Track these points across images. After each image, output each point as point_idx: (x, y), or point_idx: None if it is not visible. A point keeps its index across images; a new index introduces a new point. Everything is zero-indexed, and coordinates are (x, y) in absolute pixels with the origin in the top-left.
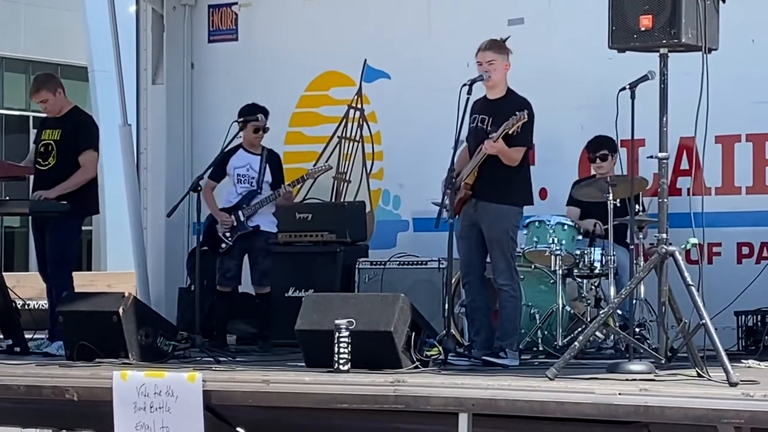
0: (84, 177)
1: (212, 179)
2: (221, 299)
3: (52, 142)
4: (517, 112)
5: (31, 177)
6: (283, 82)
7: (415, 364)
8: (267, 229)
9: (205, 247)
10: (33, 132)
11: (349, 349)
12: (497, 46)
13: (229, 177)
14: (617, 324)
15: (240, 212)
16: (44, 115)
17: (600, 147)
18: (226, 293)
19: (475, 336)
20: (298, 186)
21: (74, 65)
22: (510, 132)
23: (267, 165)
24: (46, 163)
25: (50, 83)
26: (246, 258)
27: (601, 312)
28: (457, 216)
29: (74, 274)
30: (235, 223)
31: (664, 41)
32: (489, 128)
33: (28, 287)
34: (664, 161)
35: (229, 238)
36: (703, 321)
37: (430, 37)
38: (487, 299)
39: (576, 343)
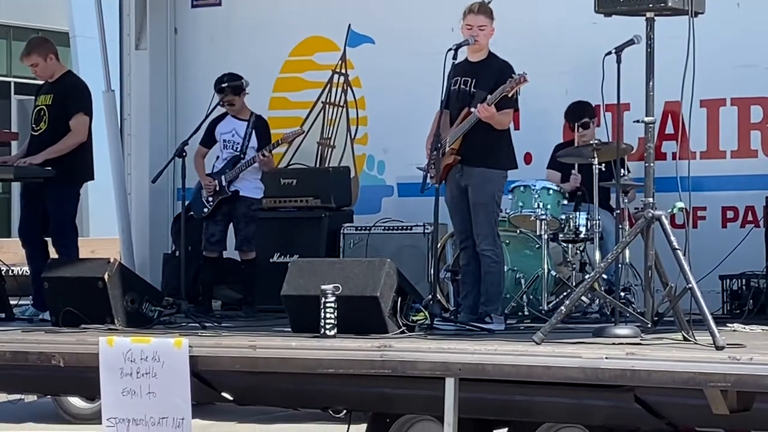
0: (73, 141)
1: (203, 146)
2: (207, 265)
3: (44, 107)
4: (513, 75)
5: (14, 143)
6: (267, 48)
7: (401, 329)
8: (249, 195)
9: (192, 212)
10: (15, 98)
11: (336, 314)
12: (488, 11)
13: (218, 143)
14: (603, 288)
15: (223, 177)
16: (26, 81)
17: (580, 115)
18: (211, 259)
19: (463, 300)
20: (274, 150)
21: (56, 31)
22: (509, 95)
23: (253, 131)
24: (39, 128)
25: (42, 48)
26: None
27: (587, 276)
28: (444, 182)
29: None
30: (217, 188)
31: (651, 5)
32: (472, 90)
33: (11, 253)
34: (651, 126)
35: (211, 203)
36: (690, 285)
37: (415, 2)
38: (480, 266)
39: (562, 307)
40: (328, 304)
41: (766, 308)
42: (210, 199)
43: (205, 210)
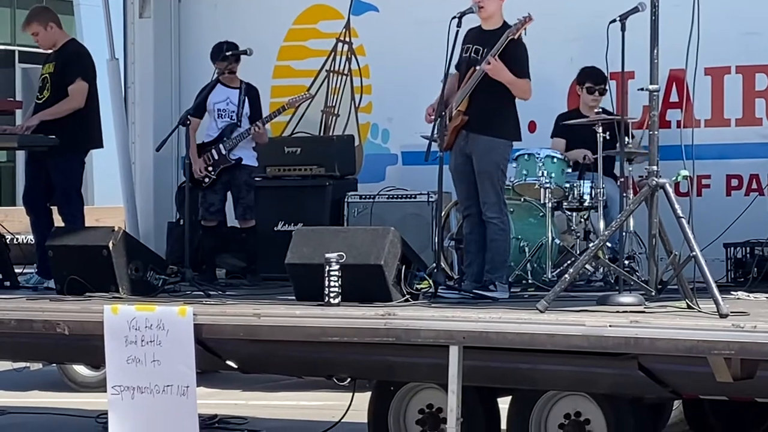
0: (68, 106)
1: (195, 117)
2: (207, 234)
3: (47, 75)
4: (518, 18)
5: (19, 111)
6: (271, 16)
7: (405, 297)
8: (249, 163)
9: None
10: (19, 66)
11: (340, 282)
12: None
13: (209, 113)
14: (607, 256)
15: (221, 145)
16: (31, 50)
17: (602, 80)
18: (211, 228)
19: (467, 268)
20: (276, 116)
21: None
22: (515, 37)
23: (246, 98)
24: (42, 96)
25: (42, 17)
26: (229, 192)
27: (590, 244)
28: (449, 150)
29: None
30: (216, 157)
31: None
32: (482, 59)
33: (16, 222)
34: (655, 93)
35: (212, 172)
36: (694, 253)
37: None
38: (484, 234)
39: (566, 275)
40: (332, 273)
41: None
42: (210, 168)
43: (207, 180)
